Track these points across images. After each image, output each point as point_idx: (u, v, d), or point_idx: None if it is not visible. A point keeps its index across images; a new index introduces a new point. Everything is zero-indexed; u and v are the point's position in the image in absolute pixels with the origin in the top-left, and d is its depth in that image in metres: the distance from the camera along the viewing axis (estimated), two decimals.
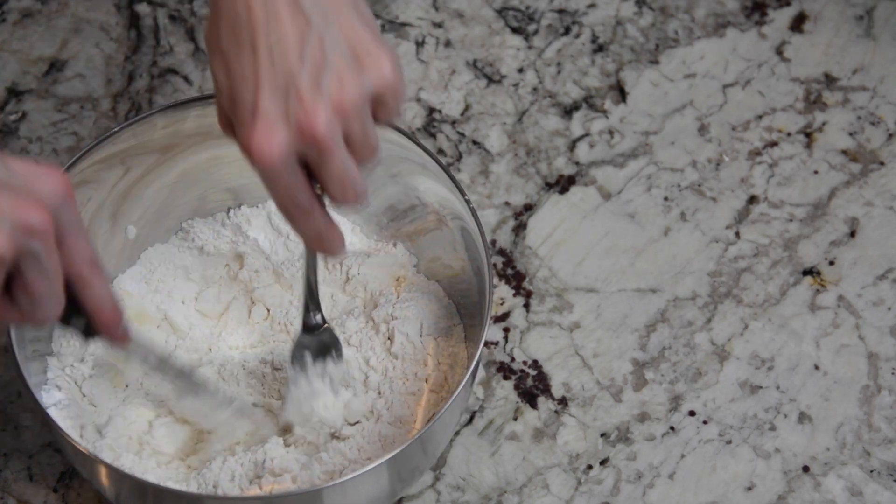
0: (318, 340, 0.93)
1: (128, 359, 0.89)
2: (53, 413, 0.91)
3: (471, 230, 0.94)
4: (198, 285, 1.00)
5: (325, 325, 0.93)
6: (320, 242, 0.82)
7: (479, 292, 0.95)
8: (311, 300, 0.92)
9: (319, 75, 0.76)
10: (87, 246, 0.75)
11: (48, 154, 1.11)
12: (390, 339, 0.96)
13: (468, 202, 0.94)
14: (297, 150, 0.77)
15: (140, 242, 1.01)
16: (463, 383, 0.88)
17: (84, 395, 0.94)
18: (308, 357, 0.92)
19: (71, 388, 0.94)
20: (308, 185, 0.79)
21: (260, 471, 0.90)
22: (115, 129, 0.95)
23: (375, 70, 0.77)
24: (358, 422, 0.93)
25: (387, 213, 1.02)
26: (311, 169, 0.78)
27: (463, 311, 0.99)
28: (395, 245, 1.02)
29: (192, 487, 0.90)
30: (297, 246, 1.01)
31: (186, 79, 1.15)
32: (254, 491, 0.89)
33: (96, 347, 0.95)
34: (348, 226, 1.02)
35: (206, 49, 0.79)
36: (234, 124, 0.77)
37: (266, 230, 1.02)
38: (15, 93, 1.14)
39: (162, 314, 0.99)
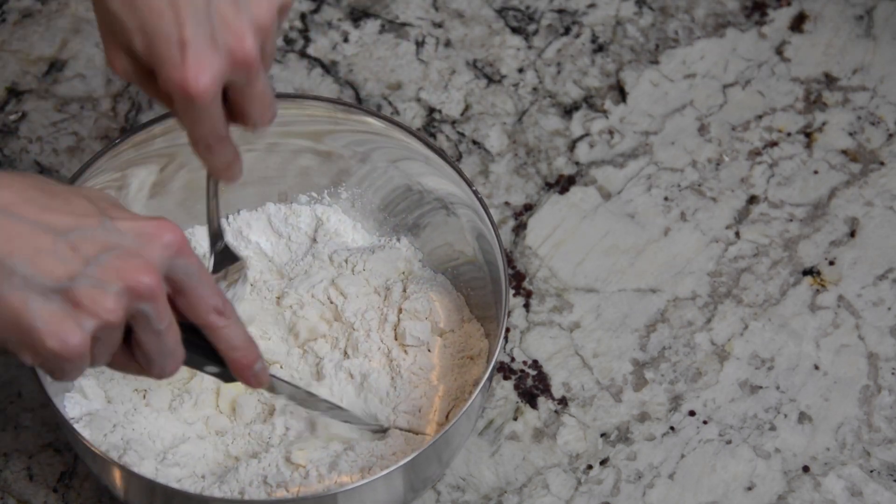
0: (227, 268, 0.92)
1: (274, 397, 0.90)
2: (78, 426, 0.92)
3: (480, 219, 0.94)
4: None
5: (227, 248, 0.92)
6: (229, 170, 0.83)
7: (492, 282, 0.95)
8: (213, 232, 0.91)
9: None
10: (212, 293, 0.75)
11: (48, 154, 1.11)
12: (401, 333, 0.96)
13: (475, 192, 0.94)
14: (226, 78, 0.76)
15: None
16: (481, 385, 0.87)
17: (109, 401, 0.94)
18: (223, 286, 0.92)
19: (95, 392, 0.94)
20: (224, 114, 0.79)
21: (284, 473, 0.90)
22: (115, 142, 0.94)
23: None
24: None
25: (388, 206, 1.02)
26: (233, 94, 0.79)
27: (473, 303, 0.99)
28: (398, 239, 1.02)
29: (215, 493, 0.90)
30: (300, 247, 1.01)
31: None
32: (280, 493, 0.89)
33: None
34: (349, 223, 1.02)
35: None
36: (155, 64, 0.76)
37: (267, 233, 1.01)
38: (15, 93, 1.14)
39: None
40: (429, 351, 0.96)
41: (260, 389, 0.88)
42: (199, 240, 1.02)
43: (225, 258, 0.92)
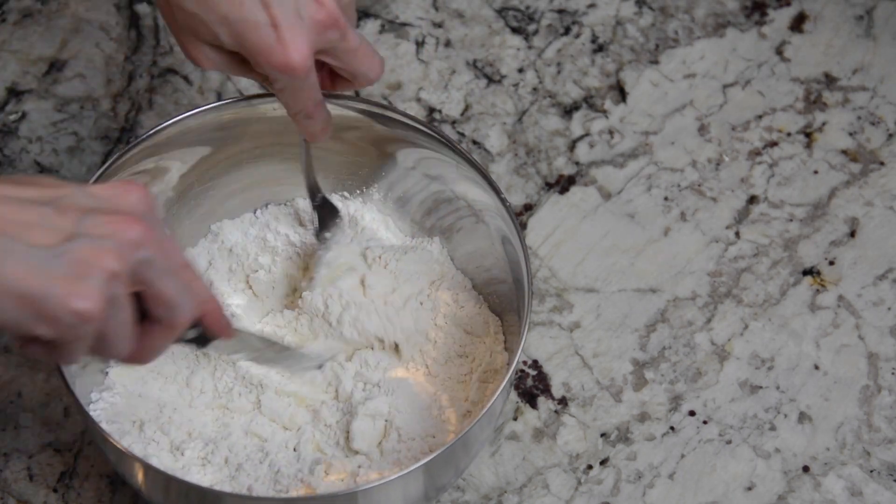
0: (326, 219, 0.98)
1: (234, 352, 0.92)
2: (96, 413, 0.92)
3: (507, 230, 0.94)
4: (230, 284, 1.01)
5: (325, 200, 0.98)
6: (325, 131, 0.89)
7: (516, 287, 0.94)
8: (312, 182, 0.97)
9: None
10: (178, 250, 0.77)
11: (48, 154, 1.11)
12: (427, 338, 0.96)
13: (504, 201, 0.93)
14: (318, 46, 0.79)
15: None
16: (496, 395, 0.87)
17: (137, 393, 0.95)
18: (328, 237, 0.98)
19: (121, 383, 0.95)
20: (318, 79, 0.83)
21: (298, 467, 0.90)
22: (151, 132, 0.94)
23: None
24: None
25: (420, 208, 1.01)
26: (332, 59, 0.82)
27: (499, 309, 0.99)
28: (431, 240, 1.01)
29: (226, 487, 0.90)
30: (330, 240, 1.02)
31: (186, 79, 1.15)
32: (297, 491, 0.89)
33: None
34: (382, 221, 1.02)
35: None
36: (247, 52, 0.78)
37: (294, 226, 1.01)
38: (15, 93, 1.14)
39: None
40: (453, 354, 0.96)
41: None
42: (226, 234, 1.02)
43: (322, 209, 0.98)
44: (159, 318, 0.75)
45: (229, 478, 0.91)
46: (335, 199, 1.02)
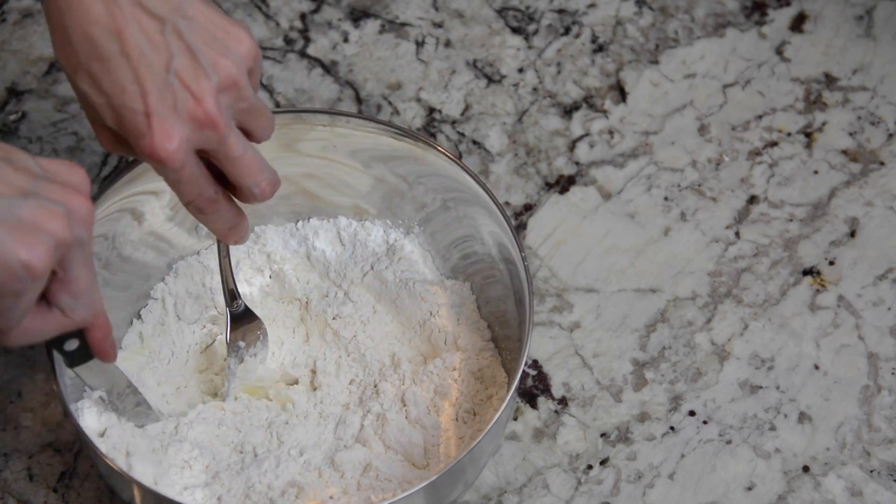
0: (245, 328, 0.95)
1: (98, 386, 0.91)
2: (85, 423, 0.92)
3: (521, 282, 0.93)
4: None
5: (246, 309, 0.94)
6: (232, 233, 0.85)
7: (518, 324, 0.94)
8: (229, 291, 0.93)
9: (194, 61, 0.77)
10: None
11: (48, 154, 1.11)
12: (427, 376, 0.96)
13: (524, 258, 0.92)
14: (195, 143, 0.78)
15: (211, 241, 1.01)
16: (502, 408, 0.87)
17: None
18: (242, 346, 0.95)
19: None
20: (211, 177, 0.81)
21: (277, 491, 0.90)
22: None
23: (237, 44, 0.79)
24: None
25: (454, 250, 1.01)
26: (215, 162, 0.80)
27: (506, 355, 0.98)
28: (463, 284, 1.01)
29: (201, 494, 0.90)
30: (365, 263, 1.01)
31: None
32: None
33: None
34: (420, 254, 1.01)
35: (66, 70, 0.79)
36: (127, 136, 0.78)
37: (334, 244, 1.01)
38: (15, 93, 1.14)
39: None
40: (446, 389, 0.96)
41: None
42: (268, 238, 1.02)
43: (242, 318, 0.95)
44: (59, 305, 0.75)
45: (203, 484, 0.91)
46: (377, 226, 1.01)
